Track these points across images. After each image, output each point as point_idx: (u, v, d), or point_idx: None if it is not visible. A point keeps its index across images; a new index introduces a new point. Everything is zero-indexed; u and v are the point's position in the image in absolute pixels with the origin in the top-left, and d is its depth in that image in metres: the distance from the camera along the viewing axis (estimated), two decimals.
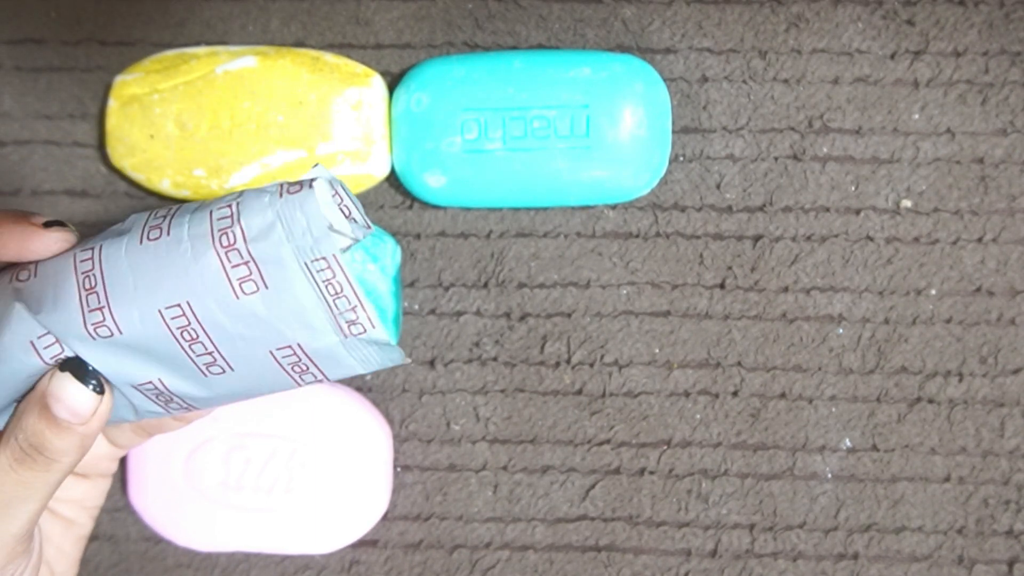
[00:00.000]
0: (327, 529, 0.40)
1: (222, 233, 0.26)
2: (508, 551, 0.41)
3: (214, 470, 0.39)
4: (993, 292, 0.40)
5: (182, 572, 0.42)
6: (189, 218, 0.26)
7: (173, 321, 0.27)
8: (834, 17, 0.40)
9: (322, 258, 0.26)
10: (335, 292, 0.26)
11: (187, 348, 0.27)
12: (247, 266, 0.26)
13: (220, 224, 0.26)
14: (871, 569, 0.40)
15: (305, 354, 0.27)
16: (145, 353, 0.27)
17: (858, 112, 0.40)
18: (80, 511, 0.33)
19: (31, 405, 0.27)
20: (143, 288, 0.26)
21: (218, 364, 0.27)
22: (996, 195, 0.40)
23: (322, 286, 0.26)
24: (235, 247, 0.26)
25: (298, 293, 0.26)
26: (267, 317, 0.27)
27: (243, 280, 0.26)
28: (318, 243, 0.26)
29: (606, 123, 0.37)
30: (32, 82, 0.42)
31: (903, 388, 0.40)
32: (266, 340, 0.27)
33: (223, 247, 0.26)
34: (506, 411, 0.41)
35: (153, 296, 0.26)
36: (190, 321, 0.27)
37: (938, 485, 0.40)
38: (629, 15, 0.41)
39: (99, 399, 0.27)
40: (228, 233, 0.26)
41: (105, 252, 0.27)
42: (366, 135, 0.39)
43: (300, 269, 0.26)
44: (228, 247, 0.26)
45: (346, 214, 0.27)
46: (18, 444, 0.27)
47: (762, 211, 0.41)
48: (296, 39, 0.41)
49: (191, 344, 0.27)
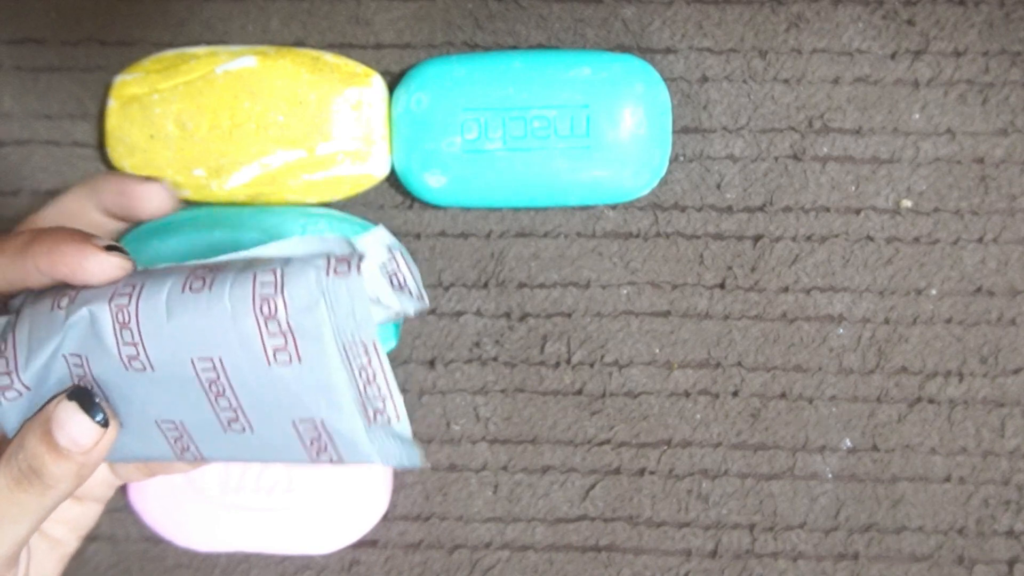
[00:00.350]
0: (327, 529, 0.40)
1: (264, 301, 0.26)
2: (508, 551, 0.41)
3: (214, 470, 0.39)
4: (993, 292, 0.40)
5: (182, 572, 0.42)
6: (233, 278, 0.26)
7: (203, 373, 0.27)
8: (834, 17, 0.40)
9: (361, 343, 0.26)
10: (367, 379, 0.26)
11: (213, 400, 0.27)
12: (284, 337, 0.26)
13: (263, 291, 0.26)
14: (871, 569, 0.40)
15: (327, 431, 0.27)
16: (173, 394, 0.27)
17: (858, 112, 0.40)
18: (69, 532, 0.33)
19: (34, 427, 0.27)
20: (179, 334, 0.27)
21: (240, 422, 0.28)
22: (996, 195, 0.40)
23: (356, 370, 0.26)
24: (275, 317, 0.26)
25: (331, 372, 0.26)
26: (296, 389, 0.27)
27: (278, 350, 0.26)
28: (360, 328, 0.26)
29: (606, 123, 0.37)
30: (32, 82, 0.42)
31: (903, 388, 0.40)
32: (291, 410, 0.27)
33: (263, 315, 0.26)
34: (506, 411, 0.41)
35: (187, 344, 0.27)
36: (219, 376, 0.27)
37: (938, 485, 0.40)
38: (629, 15, 0.41)
39: (102, 432, 0.27)
40: (270, 302, 0.26)
41: (146, 292, 0.27)
42: (366, 135, 0.39)
43: (337, 350, 0.26)
44: (268, 316, 0.26)
45: (399, 284, 0.27)
46: (17, 464, 0.27)
47: (762, 211, 0.41)
48: (296, 39, 0.41)
49: (217, 397, 0.27)
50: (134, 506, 0.40)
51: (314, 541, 0.40)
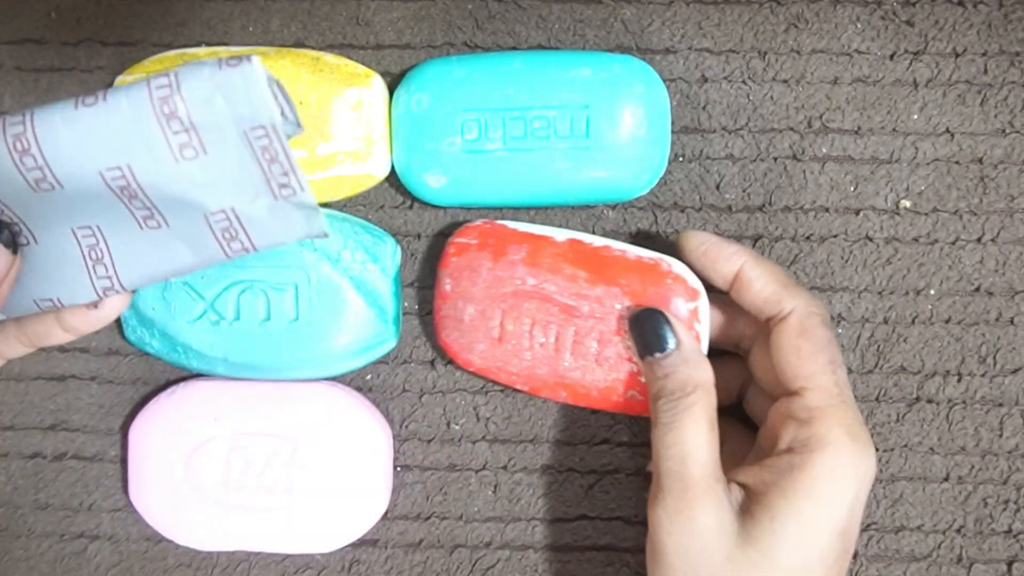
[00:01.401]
0: (327, 529, 0.40)
1: (163, 101, 0.27)
2: (508, 551, 0.41)
3: (214, 470, 0.39)
4: (992, 292, 0.40)
5: (182, 572, 0.42)
6: (127, 88, 0.27)
7: (113, 182, 0.28)
8: (833, 18, 0.40)
9: (260, 126, 0.27)
10: (270, 158, 0.27)
11: (127, 202, 0.28)
12: (187, 133, 0.27)
13: (160, 93, 0.27)
14: (870, 568, 0.40)
15: (236, 218, 0.29)
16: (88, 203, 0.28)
17: (857, 112, 0.40)
18: None
19: None
20: (82, 148, 0.27)
21: (155, 218, 0.29)
22: (995, 195, 0.40)
23: (258, 151, 0.27)
24: (176, 115, 0.27)
25: (236, 157, 0.27)
26: (204, 181, 0.28)
27: (183, 146, 0.27)
28: (257, 112, 0.26)
29: (606, 123, 0.37)
30: (33, 82, 0.42)
31: (902, 388, 0.41)
32: (201, 203, 0.28)
33: (164, 115, 0.27)
34: (506, 411, 0.41)
35: (93, 158, 0.27)
36: (129, 181, 0.27)
37: (937, 485, 0.40)
38: (629, 15, 0.41)
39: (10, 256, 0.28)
40: (168, 101, 0.27)
41: (39, 117, 0.27)
42: (366, 135, 0.39)
43: (238, 135, 0.27)
44: (169, 115, 0.27)
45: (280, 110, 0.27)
46: None
47: (761, 211, 0.41)
48: (296, 39, 0.41)
49: (131, 199, 0.28)
50: (134, 506, 0.40)
51: (314, 541, 0.40)
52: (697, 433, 0.33)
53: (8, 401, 0.42)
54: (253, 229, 0.29)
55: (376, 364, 0.41)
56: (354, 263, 0.39)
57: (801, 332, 0.33)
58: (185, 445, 0.39)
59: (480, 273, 0.37)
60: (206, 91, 0.26)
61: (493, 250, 0.37)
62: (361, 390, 0.41)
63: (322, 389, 0.40)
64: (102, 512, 0.42)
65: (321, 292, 0.38)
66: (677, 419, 0.33)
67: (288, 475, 0.39)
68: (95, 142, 0.27)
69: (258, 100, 0.26)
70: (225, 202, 0.28)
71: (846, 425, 0.32)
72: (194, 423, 0.39)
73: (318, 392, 0.40)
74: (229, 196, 0.28)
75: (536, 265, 0.37)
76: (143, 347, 0.40)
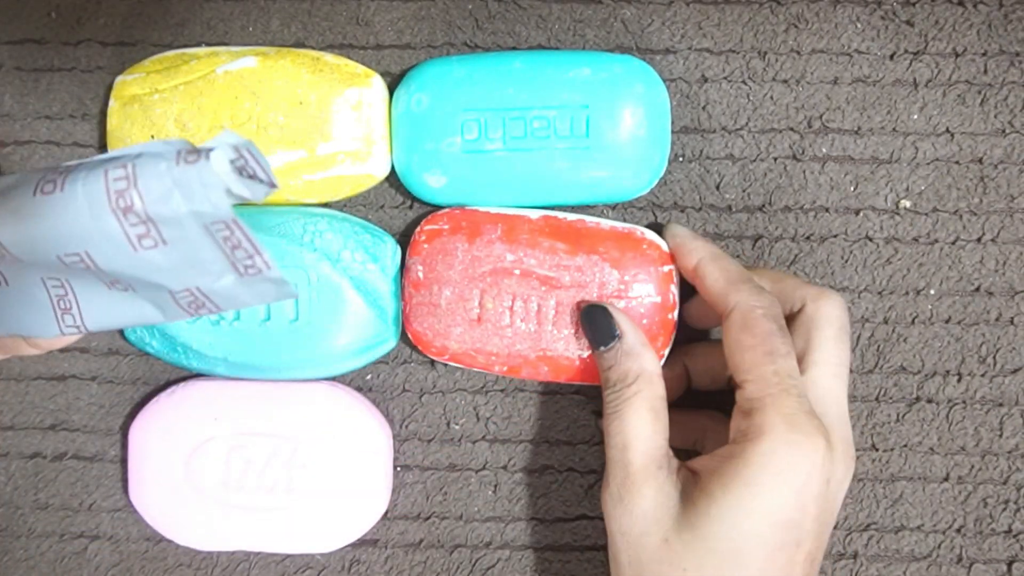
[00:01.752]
0: (327, 529, 0.40)
1: (119, 195, 0.26)
2: (508, 551, 0.41)
3: (214, 470, 0.39)
4: (992, 292, 0.40)
5: (182, 572, 0.42)
6: (84, 176, 0.27)
7: (73, 264, 0.28)
8: (833, 18, 0.40)
9: (220, 220, 0.26)
10: (233, 245, 0.27)
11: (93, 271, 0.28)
12: (145, 225, 0.27)
13: (116, 186, 0.26)
14: (870, 568, 0.40)
15: (202, 293, 0.28)
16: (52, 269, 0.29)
17: (857, 112, 0.40)
18: None
19: None
20: (40, 238, 0.27)
21: (121, 284, 0.29)
22: (995, 195, 0.40)
23: (221, 242, 0.27)
24: (133, 210, 0.26)
25: (197, 249, 0.27)
26: (166, 267, 0.27)
27: (142, 237, 0.27)
28: (217, 209, 0.26)
29: (606, 123, 0.38)
30: (33, 82, 0.42)
31: (902, 388, 0.41)
32: (165, 284, 0.28)
33: (120, 208, 0.26)
34: (506, 411, 0.41)
35: (51, 245, 0.27)
36: (89, 265, 0.28)
37: (937, 485, 0.40)
38: (629, 15, 0.41)
39: None
40: (124, 196, 0.26)
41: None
42: (366, 135, 0.39)
43: (199, 229, 0.27)
44: (126, 209, 0.26)
45: (250, 174, 0.27)
46: None
47: (761, 211, 0.41)
48: (296, 39, 0.41)
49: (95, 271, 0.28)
50: (134, 506, 0.40)
51: (314, 541, 0.40)
52: (638, 421, 0.34)
53: (8, 401, 0.42)
54: (220, 300, 0.29)
55: (376, 364, 0.41)
56: (354, 263, 0.39)
57: (743, 327, 0.34)
58: (185, 445, 0.39)
59: (455, 255, 0.38)
60: (163, 187, 0.26)
61: (468, 232, 0.38)
62: (361, 390, 0.41)
63: (322, 389, 0.40)
64: (102, 512, 0.42)
65: (321, 292, 0.38)
66: (619, 409, 0.34)
67: (288, 475, 0.39)
68: (55, 232, 0.27)
69: (216, 199, 0.26)
70: (189, 283, 0.28)
71: (784, 414, 0.32)
72: (194, 423, 0.39)
73: (318, 392, 0.40)
74: (192, 278, 0.28)
75: (514, 241, 0.38)
76: (143, 347, 0.40)
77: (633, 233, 0.38)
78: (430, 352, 0.39)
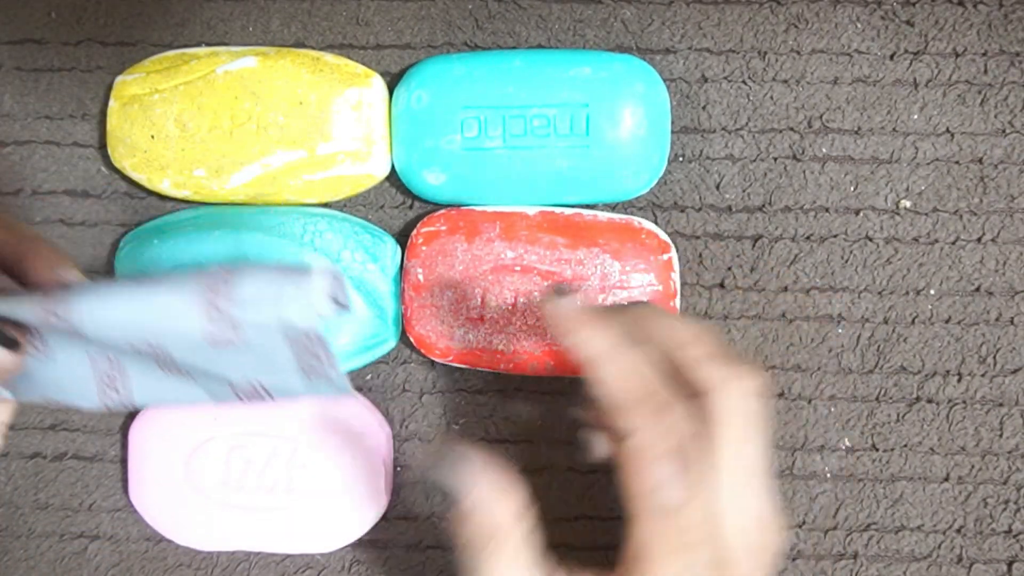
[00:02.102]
0: (327, 529, 0.40)
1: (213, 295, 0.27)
2: None
3: (214, 470, 0.39)
4: (992, 292, 0.40)
5: (182, 572, 0.42)
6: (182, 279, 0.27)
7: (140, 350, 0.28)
8: (833, 18, 0.40)
9: (304, 334, 0.27)
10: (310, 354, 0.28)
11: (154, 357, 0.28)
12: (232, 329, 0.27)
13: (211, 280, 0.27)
14: (870, 568, 0.40)
15: (263, 388, 0.29)
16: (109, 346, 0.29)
17: (857, 112, 0.40)
18: None
19: None
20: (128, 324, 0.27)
21: (177, 371, 0.29)
22: (995, 195, 0.40)
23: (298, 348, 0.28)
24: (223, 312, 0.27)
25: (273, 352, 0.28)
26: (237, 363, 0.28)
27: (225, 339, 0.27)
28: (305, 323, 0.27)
29: (606, 123, 0.38)
30: (33, 82, 0.42)
31: (902, 388, 0.41)
32: (228, 377, 0.29)
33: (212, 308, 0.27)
34: (506, 411, 0.41)
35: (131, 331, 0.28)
36: (159, 355, 0.28)
37: (937, 485, 0.40)
38: (629, 15, 0.41)
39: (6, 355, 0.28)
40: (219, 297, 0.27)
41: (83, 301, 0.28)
42: (366, 135, 0.39)
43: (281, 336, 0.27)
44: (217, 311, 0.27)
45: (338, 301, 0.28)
46: None
47: (761, 211, 0.41)
48: (296, 39, 0.41)
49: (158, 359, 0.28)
50: (134, 506, 0.40)
51: (314, 541, 0.40)
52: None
53: None
54: (278, 392, 0.29)
55: (376, 364, 0.41)
56: (354, 263, 0.39)
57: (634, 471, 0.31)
58: (185, 445, 0.39)
59: (455, 256, 0.38)
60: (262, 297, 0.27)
61: (466, 232, 0.38)
62: (361, 390, 0.41)
63: None
64: (102, 512, 0.42)
65: None
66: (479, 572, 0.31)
67: (288, 475, 0.39)
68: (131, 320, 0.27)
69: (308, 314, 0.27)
70: (253, 378, 0.29)
71: None
72: (194, 423, 0.39)
73: None
74: (259, 374, 0.29)
75: (514, 238, 0.38)
76: None
77: (631, 224, 0.38)
78: (433, 354, 0.39)
